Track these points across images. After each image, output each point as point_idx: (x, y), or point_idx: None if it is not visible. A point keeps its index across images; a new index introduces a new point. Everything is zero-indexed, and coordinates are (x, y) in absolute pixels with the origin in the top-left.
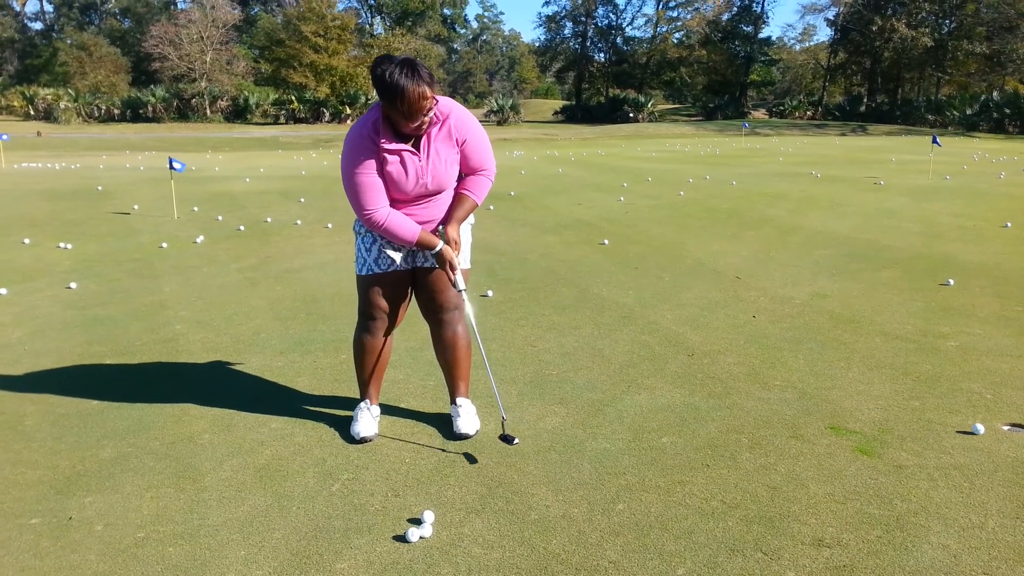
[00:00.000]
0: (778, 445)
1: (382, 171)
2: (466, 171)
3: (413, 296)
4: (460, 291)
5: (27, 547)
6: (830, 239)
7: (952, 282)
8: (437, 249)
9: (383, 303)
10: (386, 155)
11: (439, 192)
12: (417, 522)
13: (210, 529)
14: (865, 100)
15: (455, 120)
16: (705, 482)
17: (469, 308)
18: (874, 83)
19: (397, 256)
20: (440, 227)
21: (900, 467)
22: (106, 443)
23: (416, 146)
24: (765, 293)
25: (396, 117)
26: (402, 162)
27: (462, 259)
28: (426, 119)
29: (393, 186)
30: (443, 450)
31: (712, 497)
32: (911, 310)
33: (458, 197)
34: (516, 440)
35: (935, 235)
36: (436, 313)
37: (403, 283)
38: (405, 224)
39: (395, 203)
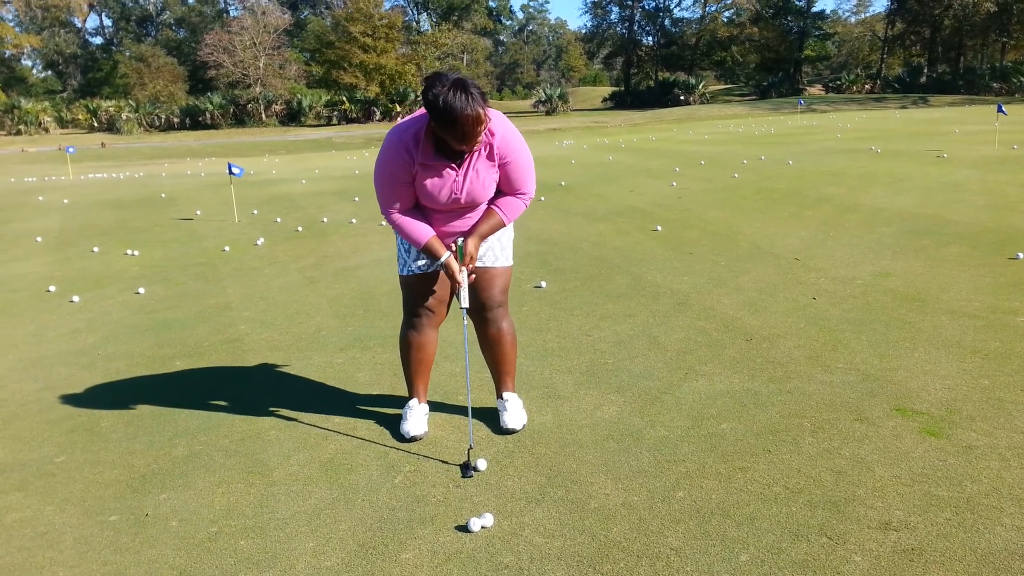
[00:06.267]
0: (842, 429)
1: (415, 180)
2: (505, 190)
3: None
4: (463, 309)
5: (108, 543)
6: (892, 216)
7: (1022, 256)
8: (442, 260)
9: (426, 301)
10: (421, 167)
11: (473, 207)
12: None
13: (279, 522)
14: (925, 71)
15: (499, 141)
16: (767, 468)
17: (466, 323)
18: (934, 53)
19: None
20: (459, 241)
21: (970, 448)
22: (178, 441)
23: (458, 163)
24: (825, 274)
25: (448, 139)
26: (439, 175)
27: (502, 256)
28: (479, 140)
29: (426, 196)
30: (501, 442)
31: (774, 483)
32: (979, 286)
33: (487, 212)
34: (471, 473)
35: (1003, 207)
36: (480, 311)
37: (444, 280)
38: (417, 228)
39: (429, 211)
